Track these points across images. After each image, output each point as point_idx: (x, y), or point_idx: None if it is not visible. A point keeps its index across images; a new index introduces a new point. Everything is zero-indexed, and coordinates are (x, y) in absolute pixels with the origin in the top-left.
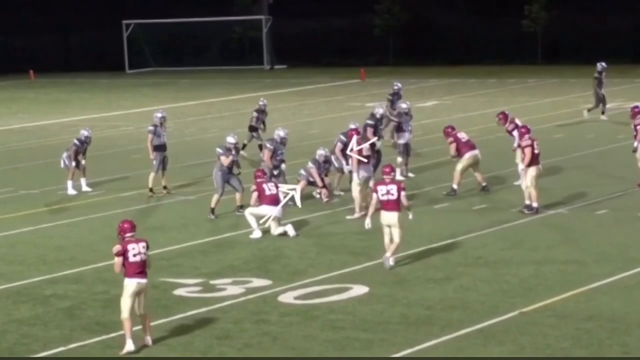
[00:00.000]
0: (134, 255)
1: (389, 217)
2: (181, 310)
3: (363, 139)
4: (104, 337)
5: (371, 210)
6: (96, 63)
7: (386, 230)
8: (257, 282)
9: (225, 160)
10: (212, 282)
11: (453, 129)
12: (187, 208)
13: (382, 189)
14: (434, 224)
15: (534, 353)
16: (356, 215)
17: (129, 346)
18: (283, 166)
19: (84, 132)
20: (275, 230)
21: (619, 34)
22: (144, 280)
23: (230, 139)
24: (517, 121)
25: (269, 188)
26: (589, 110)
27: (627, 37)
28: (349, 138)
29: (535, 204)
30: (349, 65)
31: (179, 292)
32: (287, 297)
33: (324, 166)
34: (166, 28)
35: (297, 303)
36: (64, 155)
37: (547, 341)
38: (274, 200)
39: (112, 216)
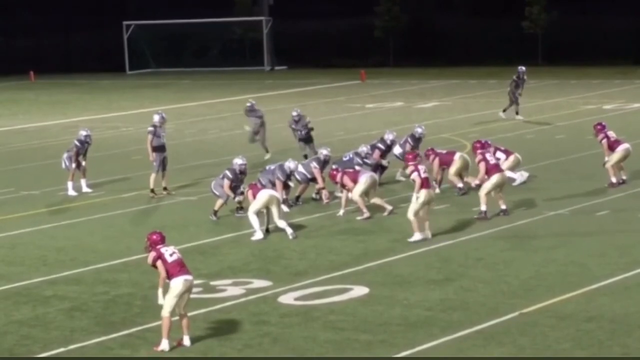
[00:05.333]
0: (171, 255)
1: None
2: None
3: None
4: (104, 338)
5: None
6: (97, 64)
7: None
8: (258, 283)
9: (226, 185)
10: (212, 283)
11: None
12: (187, 209)
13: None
14: (434, 225)
15: (534, 354)
16: (365, 215)
17: (164, 345)
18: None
19: (83, 132)
20: (279, 222)
21: (619, 36)
22: (190, 277)
23: (239, 160)
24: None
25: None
26: (504, 110)
27: (628, 38)
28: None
29: (483, 207)
30: (350, 66)
31: None
32: (288, 298)
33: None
34: (167, 29)
35: (298, 304)
36: (65, 156)
37: (548, 342)
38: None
39: (112, 217)
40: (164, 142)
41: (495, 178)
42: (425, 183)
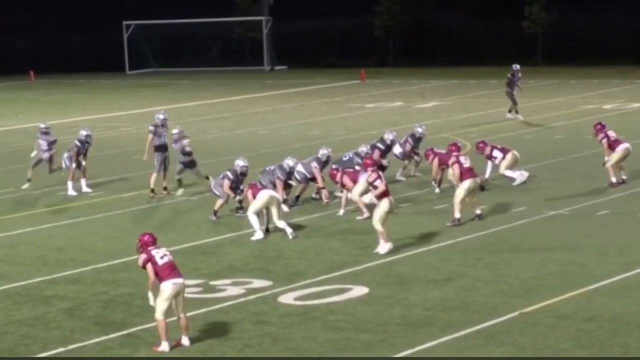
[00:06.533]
0: (161, 258)
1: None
2: None
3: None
4: (104, 337)
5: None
6: (97, 64)
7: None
8: (257, 283)
9: (226, 185)
10: (212, 282)
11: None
12: (187, 209)
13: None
14: (434, 224)
15: (534, 354)
16: (365, 215)
17: (164, 347)
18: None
19: (83, 132)
20: (279, 222)
21: (619, 36)
22: (180, 280)
23: (240, 162)
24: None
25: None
26: (509, 111)
27: (628, 38)
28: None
29: (457, 214)
30: (349, 66)
31: None
32: (287, 298)
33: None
34: (167, 29)
35: (297, 304)
36: (65, 155)
37: (548, 342)
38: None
39: (112, 217)
40: (165, 142)
41: (467, 183)
42: (387, 191)
